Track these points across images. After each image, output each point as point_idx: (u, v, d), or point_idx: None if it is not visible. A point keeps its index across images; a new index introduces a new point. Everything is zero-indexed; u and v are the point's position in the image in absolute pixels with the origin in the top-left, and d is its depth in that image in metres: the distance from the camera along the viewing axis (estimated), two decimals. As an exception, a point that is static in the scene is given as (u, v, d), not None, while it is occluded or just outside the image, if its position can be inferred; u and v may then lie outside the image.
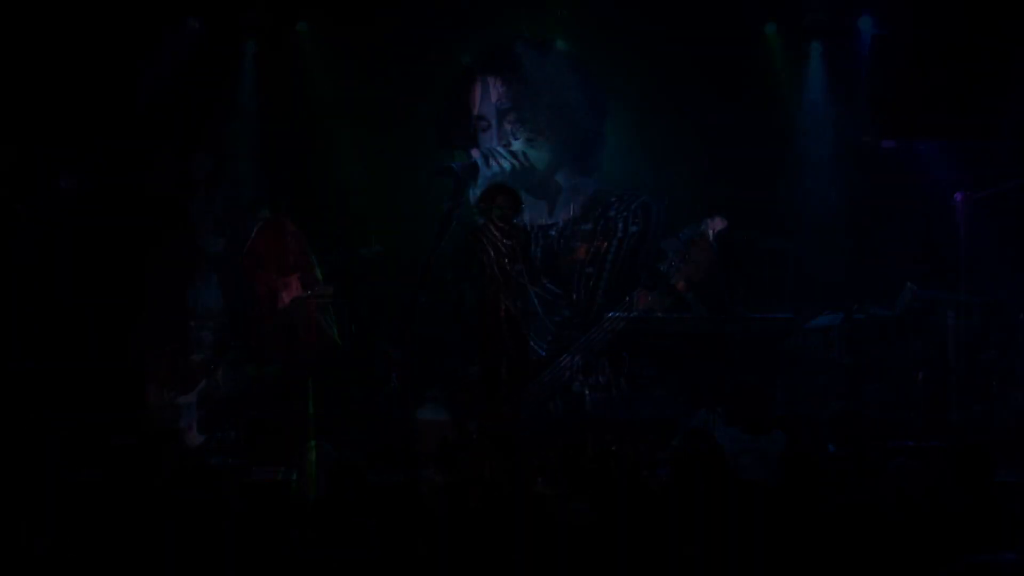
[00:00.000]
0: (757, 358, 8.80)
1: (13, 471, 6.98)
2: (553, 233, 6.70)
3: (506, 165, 6.52)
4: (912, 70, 6.32)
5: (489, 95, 6.50)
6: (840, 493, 5.86)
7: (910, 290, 9.67)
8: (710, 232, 5.87)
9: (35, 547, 5.93)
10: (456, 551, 5.30)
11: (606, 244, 6.57)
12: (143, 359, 7.88)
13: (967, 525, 5.33)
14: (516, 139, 6.47)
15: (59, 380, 9.03)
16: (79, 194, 9.37)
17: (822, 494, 5.94)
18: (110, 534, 5.55)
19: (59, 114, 8.82)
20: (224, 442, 7.46)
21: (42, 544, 5.95)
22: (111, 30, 9.07)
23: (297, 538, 5.55)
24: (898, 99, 6.38)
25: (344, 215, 9.23)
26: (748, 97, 9.88)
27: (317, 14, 9.99)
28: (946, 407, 9.08)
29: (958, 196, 9.57)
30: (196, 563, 5.31)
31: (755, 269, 9.37)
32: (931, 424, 8.03)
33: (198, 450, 7.33)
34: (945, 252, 9.62)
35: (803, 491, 5.95)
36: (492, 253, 6.86)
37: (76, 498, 5.97)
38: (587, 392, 6.72)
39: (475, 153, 6.45)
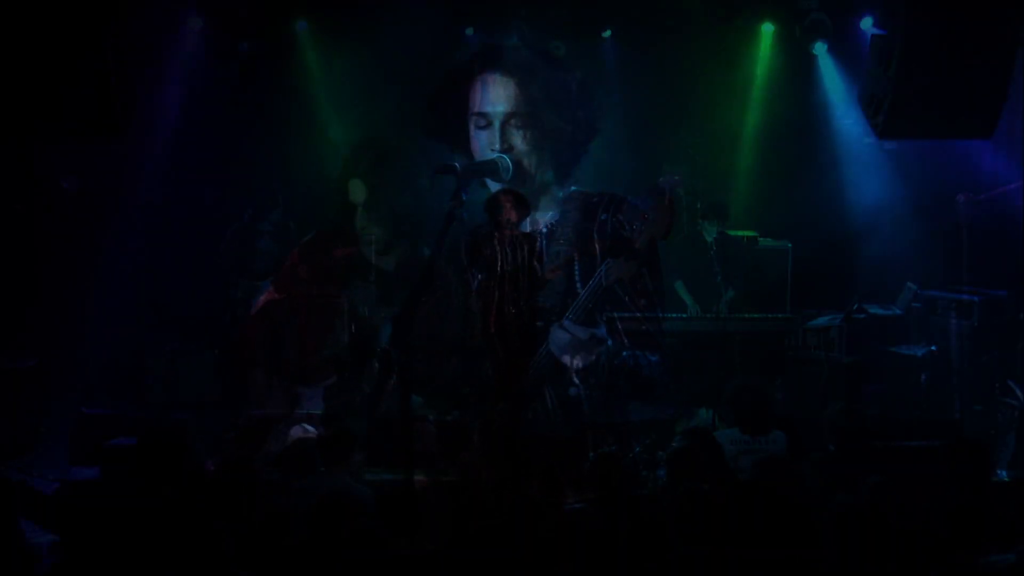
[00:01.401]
0: (757, 358, 8.80)
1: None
2: (538, 234, 6.71)
3: (506, 176, 6.53)
4: (912, 70, 6.33)
5: (495, 94, 6.49)
6: (840, 493, 5.87)
7: (910, 290, 9.68)
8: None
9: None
10: (456, 552, 5.31)
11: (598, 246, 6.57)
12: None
13: (967, 525, 5.33)
14: (522, 145, 6.47)
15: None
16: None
17: (822, 494, 5.95)
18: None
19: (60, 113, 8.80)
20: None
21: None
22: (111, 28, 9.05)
23: (299, 538, 5.57)
24: (898, 99, 6.38)
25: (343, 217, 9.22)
26: (748, 98, 9.89)
27: (316, 14, 9.99)
28: (947, 407, 9.10)
29: (959, 197, 9.58)
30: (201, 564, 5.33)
31: (754, 269, 9.38)
32: (931, 424, 8.03)
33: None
34: (945, 252, 9.63)
35: (803, 491, 5.96)
36: (502, 257, 6.86)
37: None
38: (586, 392, 6.72)
39: (490, 152, 6.45)
